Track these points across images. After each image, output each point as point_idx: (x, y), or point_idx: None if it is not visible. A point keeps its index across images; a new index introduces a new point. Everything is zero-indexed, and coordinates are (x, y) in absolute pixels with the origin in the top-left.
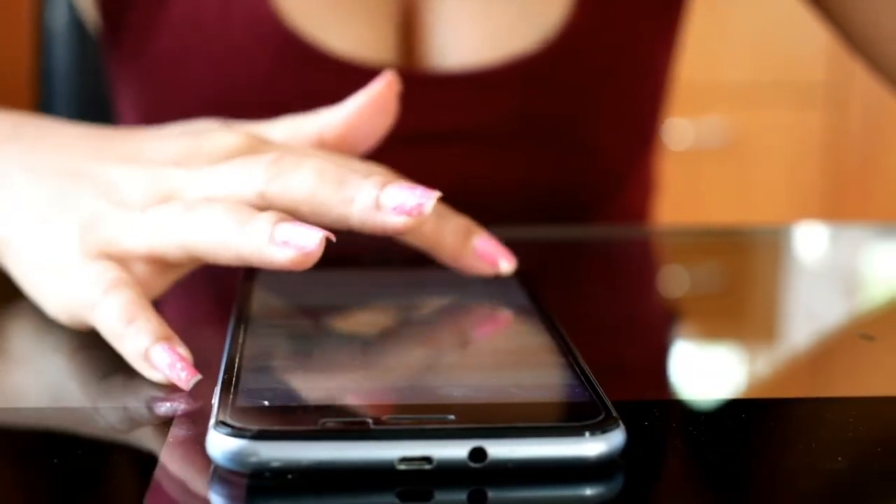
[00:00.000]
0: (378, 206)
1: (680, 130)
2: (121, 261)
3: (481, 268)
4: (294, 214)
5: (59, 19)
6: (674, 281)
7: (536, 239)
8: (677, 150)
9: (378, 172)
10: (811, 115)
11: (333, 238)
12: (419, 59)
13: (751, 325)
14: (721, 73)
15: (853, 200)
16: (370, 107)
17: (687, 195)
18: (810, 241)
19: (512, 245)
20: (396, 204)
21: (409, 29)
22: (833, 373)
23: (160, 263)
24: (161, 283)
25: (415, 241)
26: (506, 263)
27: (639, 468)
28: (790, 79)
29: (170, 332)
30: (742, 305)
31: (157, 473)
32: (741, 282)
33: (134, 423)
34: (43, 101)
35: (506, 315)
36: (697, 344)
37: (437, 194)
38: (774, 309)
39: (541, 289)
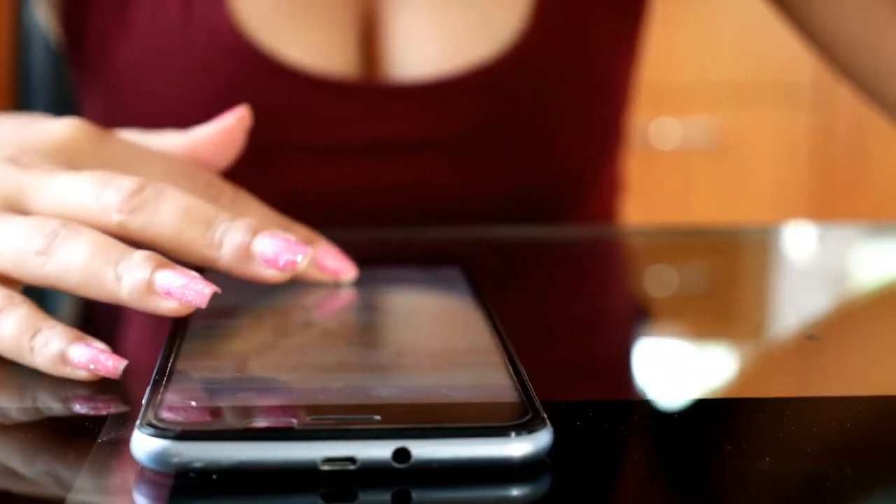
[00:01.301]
0: (249, 256)
1: (668, 130)
2: None
3: (321, 278)
4: (156, 249)
5: (37, 19)
6: (657, 280)
7: (504, 238)
8: (665, 150)
9: (246, 205)
10: (799, 114)
11: (220, 291)
12: (379, 69)
13: (720, 326)
14: (709, 73)
15: (840, 200)
16: (217, 137)
17: (674, 195)
18: (798, 240)
19: (480, 244)
20: (269, 256)
21: (369, 39)
22: (778, 373)
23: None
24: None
25: None
26: (347, 274)
27: (567, 468)
28: (778, 79)
29: (79, 332)
30: (724, 305)
31: (83, 473)
32: (727, 282)
33: (66, 422)
34: (21, 102)
35: (447, 314)
36: (656, 345)
37: (310, 250)
38: (756, 309)
39: (486, 286)
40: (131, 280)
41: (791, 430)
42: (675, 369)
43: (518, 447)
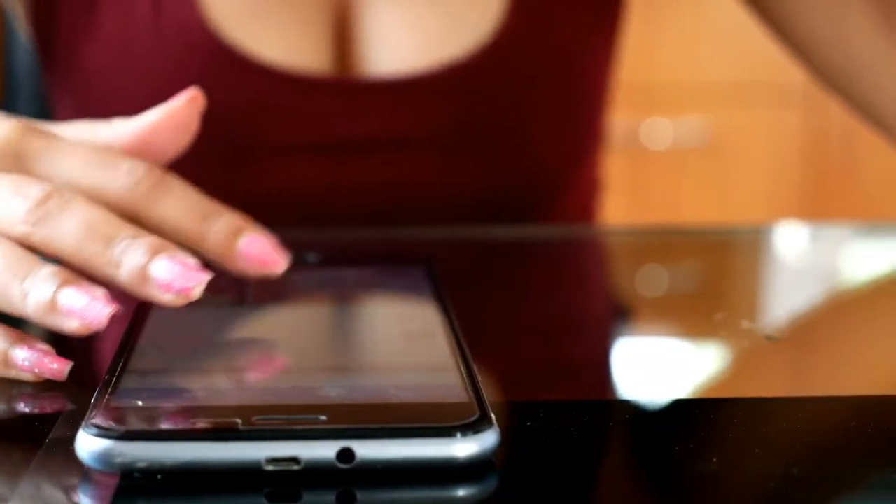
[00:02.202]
0: (145, 278)
1: (659, 130)
2: None
3: (248, 269)
4: (60, 262)
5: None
6: (647, 281)
7: (481, 238)
8: (656, 150)
9: (169, 190)
10: (791, 114)
11: (121, 310)
12: (353, 65)
13: (699, 326)
14: (700, 72)
15: (833, 200)
16: (167, 121)
17: (666, 195)
18: (789, 240)
19: (457, 244)
20: (164, 281)
21: (342, 36)
22: (744, 374)
23: None
24: None
25: (179, 239)
26: (276, 266)
27: (514, 469)
28: (770, 78)
29: (21, 333)
30: (712, 306)
31: (29, 472)
32: (718, 282)
33: (14, 421)
34: (6, 98)
35: (403, 313)
36: (626, 345)
37: (207, 277)
38: (745, 309)
39: (460, 286)
40: (36, 297)
41: (741, 429)
42: (638, 370)
43: (463, 447)
